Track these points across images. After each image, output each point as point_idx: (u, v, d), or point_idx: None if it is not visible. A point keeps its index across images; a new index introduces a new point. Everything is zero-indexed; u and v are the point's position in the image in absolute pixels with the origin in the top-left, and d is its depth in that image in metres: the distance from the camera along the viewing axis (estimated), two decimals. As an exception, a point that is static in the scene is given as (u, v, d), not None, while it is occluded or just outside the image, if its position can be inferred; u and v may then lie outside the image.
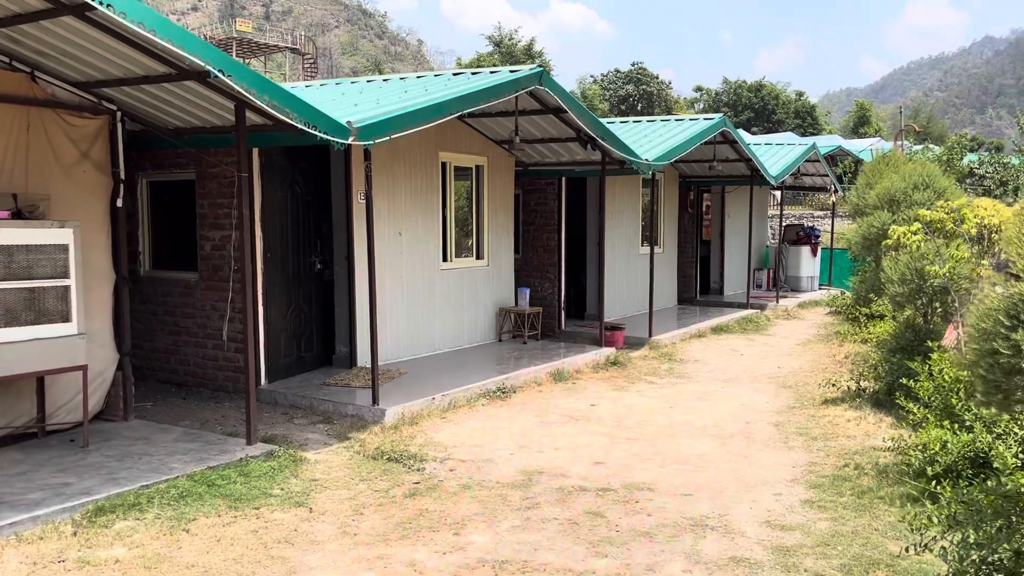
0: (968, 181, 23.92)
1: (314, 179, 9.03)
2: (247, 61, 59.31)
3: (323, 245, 9.15)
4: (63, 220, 6.27)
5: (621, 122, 15.16)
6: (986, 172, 24.19)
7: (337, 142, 6.53)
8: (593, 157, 10.95)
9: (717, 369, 10.48)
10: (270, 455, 6.27)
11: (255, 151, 8.05)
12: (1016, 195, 22.52)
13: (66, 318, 6.20)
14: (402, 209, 9.62)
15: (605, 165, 10.90)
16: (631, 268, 13.96)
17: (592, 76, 68.43)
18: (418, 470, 6.22)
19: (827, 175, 19.49)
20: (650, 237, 13.00)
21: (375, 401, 7.47)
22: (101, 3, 4.98)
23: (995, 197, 20.02)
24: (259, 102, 5.90)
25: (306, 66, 58.89)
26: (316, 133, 6.34)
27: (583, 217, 13.55)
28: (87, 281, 6.62)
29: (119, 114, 6.98)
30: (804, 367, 10.59)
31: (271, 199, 8.37)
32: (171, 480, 5.64)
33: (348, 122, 6.66)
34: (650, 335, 11.94)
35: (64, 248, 6.16)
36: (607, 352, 10.66)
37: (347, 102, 8.42)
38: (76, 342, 6.26)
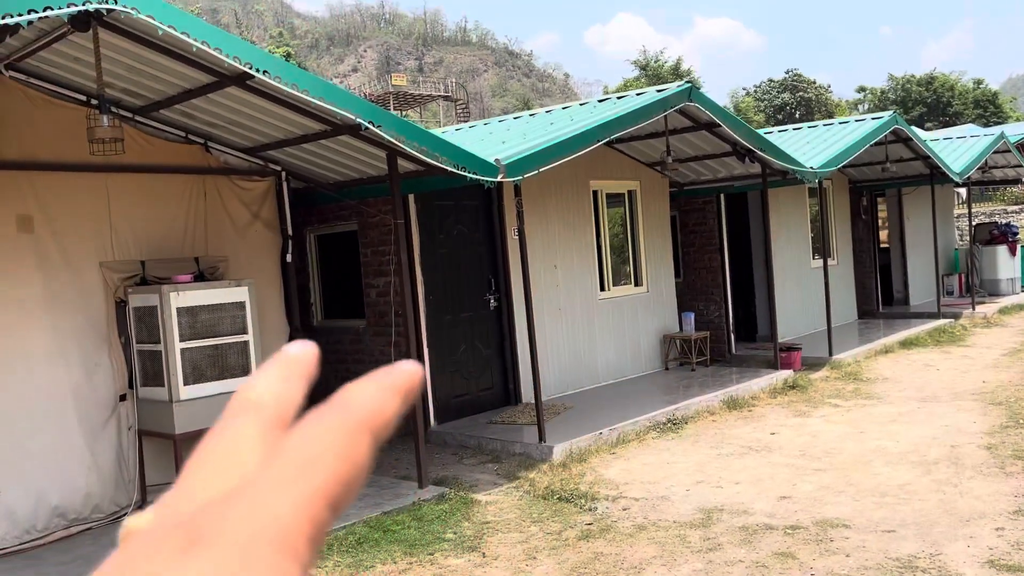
0: None
1: (480, 218, 9.12)
2: (404, 112, 62.38)
3: (498, 282, 9.18)
4: (239, 279, 6.63)
5: (780, 131, 14.42)
6: None
7: (487, 180, 6.53)
8: (752, 170, 10.41)
9: (911, 387, 9.56)
10: (442, 498, 6.26)
11: (411, 197, 8.23)
12: None
13: (247, 371, 6.51)
14: (556, 241, 9.53)
15: (766, 177, 10.33)
16: (803, 284, 13.13)
17: (744, 88, 66.43)
18: (590, 510, 5.99)
19: (1021, 165, 17.63)
20: (822, 249, 12.19)
21: (541, 438, 7.34)
22: (258, 71, 5.24)
23: None
24: (409, 149, 6.00)
25: (459, 111, 61.04)
26: (465, 174, 6.37)
27: (746, 234, 12.93)
28: (263, 335, 6.96)
29: (283, 174, 7.35)
30: (1015, 380, 9.46)
31: (432, 241, 8.52)
32: (349, 526, 5.73)
33: (496, 160, 6.65)
34: (830, 354, 11.12)
35: (242, 305, 6.50)
36: (784, 375, 10.01)
37: (495, 140, 8.47)
38: (256, 394, 6.56)
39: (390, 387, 0.33)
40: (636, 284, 10.79)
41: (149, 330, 6.26)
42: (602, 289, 10.20)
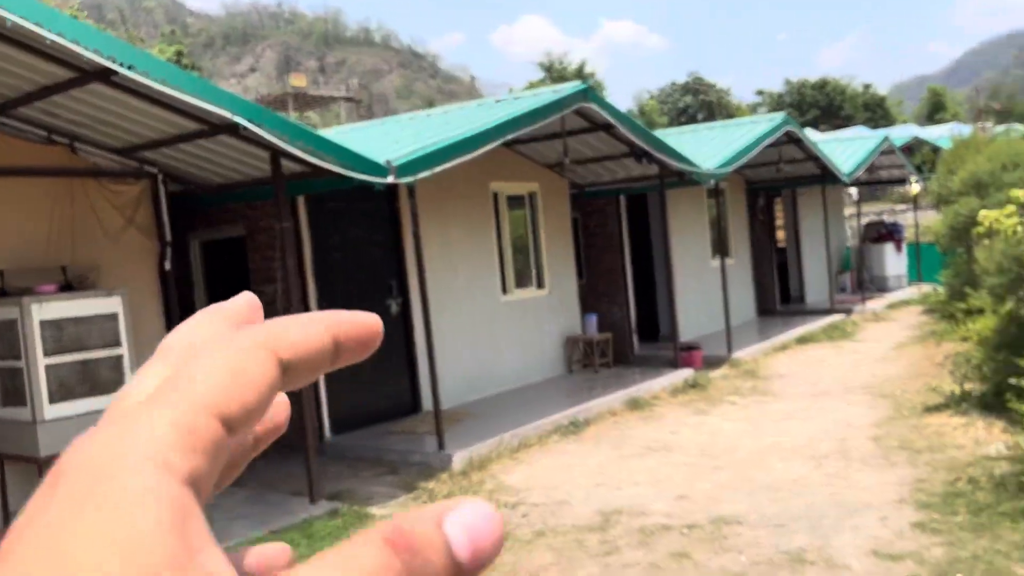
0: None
1: (379, 220, 8.86)
2: (304, 114, 61.05)
3: (399, 287, 8.94)
4: (111, 289, 6.21)
5: (678, 132, 14.67)
6: (1079, 146, 22.63)
7: (376, 182, 6.32)
8: (650, 171, 10.51)
9: (805, 383, 9.81)
10: (334, 513, 6.01)
11: (300, 199, 7.93)
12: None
13: (120, 388, 6.10)
14: (456, 244, 9.37)
15: (664, 178, 10.45)
16: (703, 283, 13.36)
17: (648, 92, 67.86)
18: (487, 518, 5.85)
19: (904, 166, 18.51)
20: (721, 248, 12.43)
21: (441, 447, 7.16)
22: (122, 66, 4.89)
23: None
24: (292, 149, 5.73)
25: (362, 113, 60.21)
26: (353, 175, 6.15)
27: (647, 234, 13.07)
28: (140, 348, 6.54)
29: (160, 176, 6.95)
30: (901, 373, 9.83)
31: (325, 245, 8.23)
32: (231, 547, 5.40)
33: (387, 161, 6.45)
34: (729, 352, 11.33)
35: (114, 316, 6.09)
36: (684, 374, 10.12)
37: (389, 140, 8.26)
38: (132, 411, 6.15)
39: (323, 321, 0.31)
40: (539, 287, 10.73)
41: (9, 345, 5.78)
42: (504, 292, 10.10)
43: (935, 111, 65.99)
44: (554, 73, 57.61)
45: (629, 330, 11.95)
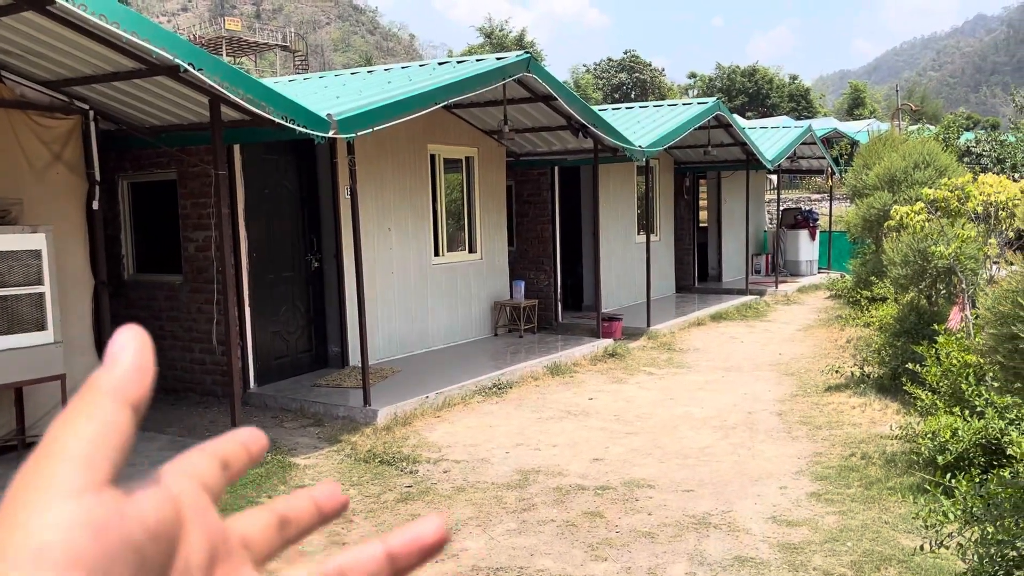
0: (966, 160, 23.69)
1: (309, 175, 8.81)
2: (237, 60, 58.98)
3: (320, 243, 8.94)
4: (35, 225, 6.05)
5: (613, 109, 14.91)
6: (983, 150, 23.93)
7: (317, 135, 6.30)
8: (585, 145, 10.71)
9: (718, 358, 10.27)
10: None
11: (236, 148, 7.82)
12: (1014, 172, 22.29)
13: (41, 326, 5.98)
14: (391, 204, 9.40)
15: (598, 153, 10.67)
16: (628, 257, 13.73)
17: (585, 65, 68.02)
18: (411, 472, 6.02)
19: (823, 157, 19.25)
20: (646, 225, 12.78)
21: (366, 402, 7.27)
22: (61, -4, 4.75)
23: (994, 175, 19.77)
24: (233, 96, 5.67)
25: (297, 63, 58.54)
26: (294, 127, 6.12)
27: (578, 207, 13.32)
28: (64, 287, 6.41)
29: (92, 113, 6.75)
30: (806, 353, 10.39)
31: (258, 196, 8.15)
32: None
33: (328, 115, 6.43)
34: (648, 325, 11.73)
35: (37, 254, 5.94)
36: (605, 343, 10.45)
37: (329, 95, 8.19)
38: (53, 351, 6.05)
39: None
40: (470, 251, 10.86)
41: (-76, 277, 5.59)
42: (436, 254, 10.19)
43: (855, 106, 68.42)
44: (494, 39, 57.14)
45: (555, 298, 12.22)
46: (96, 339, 6.95)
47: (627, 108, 14.68)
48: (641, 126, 12.48)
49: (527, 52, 9.05)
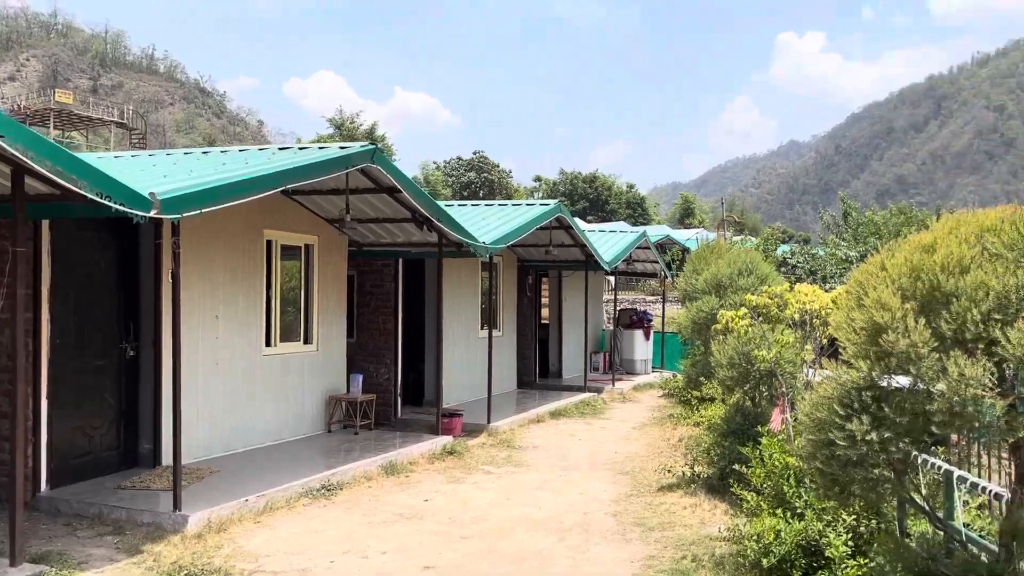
0: (783, 269, 25.78)
1: (131, 255, 8.18)
2: (67, 134, 55.90)
3: (138, 329, 8.23)
4: None
5: (460, 205, 15.10)
6: (798, 261, 26.16)
7: (136, 215, 5.85)
8: (430, 239, 10.68)
9: (556, 456, 10.22)
10: (38, 578, 5.28)
11: (45, 223, 7.16)
12: (824, 282, 24.42)
13: None
14: (221, 290, 8.87)
15: (442, 247, 10.65)
16: (471, 352, 13.65)
17: (435, 163, 69.39)
18: (220, 587, 5.42)
19: (657, 261, 20.28)
20: (489, 320, 12.80)
21: (176, 506, 6.58)
22: None
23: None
24: (39, 167, 5.17)
25: (135, 141, 56.18)
26: (111, 204, 5.65)
27: (422, 299, 13.19)
28: None
29: None
30: (640, 452, 10.54)
31: (68, 276, 7.44)
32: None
33: (151, 193, 6.00)
34: (488, 421, 11.58)
35: None
36: (444, 441, 10.17)
37: (157, 173, 7.73)
38: None
39: None
40: (306, 342, 10.40)
41: None
42: (268, 344, 9.67)
43: (686, 215, 73.58)
44: (344, 131, 57.38)
45: (395, 393, 11.87)
46: None
47: (473, 205, 14.90)
48: (487, 223, 12.64)
49: (373, 144, 8.99)
